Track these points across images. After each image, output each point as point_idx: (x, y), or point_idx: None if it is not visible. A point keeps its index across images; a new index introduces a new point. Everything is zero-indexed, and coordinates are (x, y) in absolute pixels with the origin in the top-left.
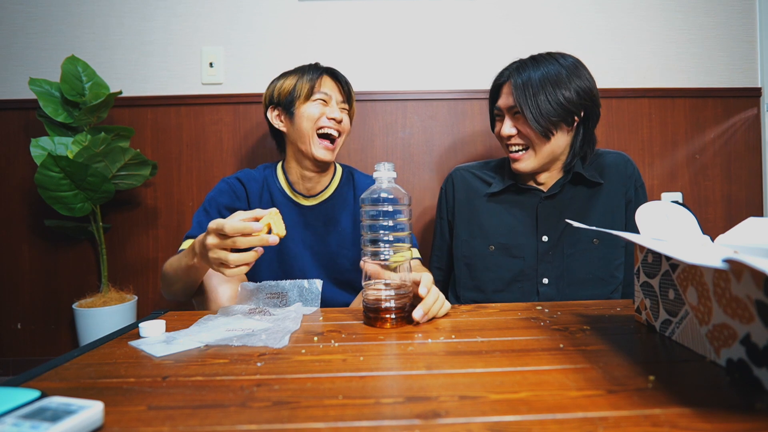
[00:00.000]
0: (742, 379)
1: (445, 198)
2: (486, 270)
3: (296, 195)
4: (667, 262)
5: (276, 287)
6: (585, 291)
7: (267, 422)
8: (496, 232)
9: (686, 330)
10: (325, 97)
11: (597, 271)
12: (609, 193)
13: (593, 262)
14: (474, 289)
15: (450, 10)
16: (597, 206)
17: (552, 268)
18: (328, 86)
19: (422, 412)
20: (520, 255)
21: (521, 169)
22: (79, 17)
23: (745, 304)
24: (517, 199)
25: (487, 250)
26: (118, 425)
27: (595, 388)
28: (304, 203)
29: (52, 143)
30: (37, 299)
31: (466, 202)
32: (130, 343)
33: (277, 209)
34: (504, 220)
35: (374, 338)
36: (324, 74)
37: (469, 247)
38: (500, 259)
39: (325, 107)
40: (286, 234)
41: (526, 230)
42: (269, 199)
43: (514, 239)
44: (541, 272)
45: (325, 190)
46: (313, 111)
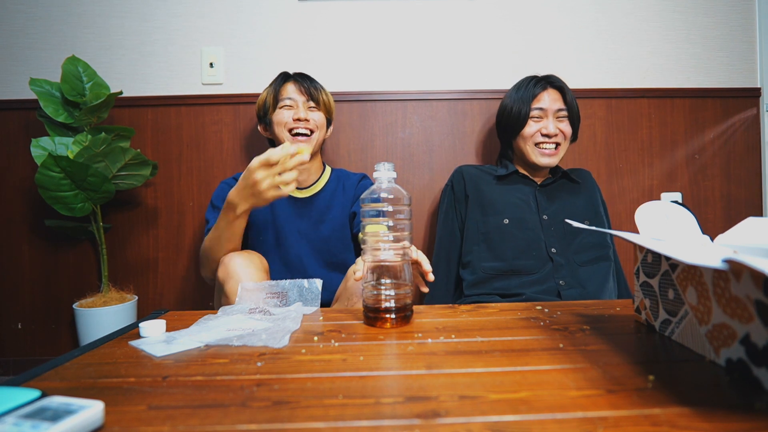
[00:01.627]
0: (741, 379)
1: (455, 190)
2: (503, 241)
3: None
4: (666, 262)
5: (276, 287)
6: (587, 254)
7: (267, 422)
8: (508, 208)
9: (686, 330)
10: (290, 102)
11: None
12: (586, 191)
13: (588, 234)
14: (495, 259)
15: (450, 11)
16: (580, 199)
17: (556, 240)
18: (291, 91)
19: (422, 411)
20: (530, 227)
21: (550, 164)
22: (79, 18)
23: (745, 304)
24: (519, 185)
25: (502, 222)
26: (119, 425)
27: (594, 388)
28: (299, 195)
29: (53, 143)
30: (38, 299)
31: (476, 188)
32: (130, 342)
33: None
34: (512, 198)
35: (374, 338)
36: (286, 81)
37: (485, 223)
38: (515, 231)
39: (291, 111)
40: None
41: (530, 208)
42: None
43: (523, 214)
44: (548, 243)
45: (316, 183)
46: (281, 117)
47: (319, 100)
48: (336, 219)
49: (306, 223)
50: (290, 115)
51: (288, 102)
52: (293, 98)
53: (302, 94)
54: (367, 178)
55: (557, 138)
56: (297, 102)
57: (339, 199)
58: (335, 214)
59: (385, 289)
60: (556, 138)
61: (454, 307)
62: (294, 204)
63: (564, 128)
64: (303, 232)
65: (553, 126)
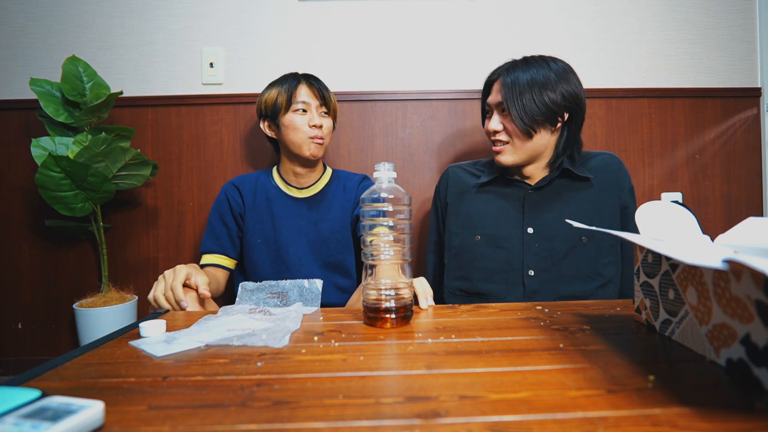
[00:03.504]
0: (742, 379)
1: (438, 194)
2: (473, 260)
3: (290, 189)
4: (667, 262)
5: (276, 287)
6: (570, 286)
7: (267, 422)
8: (482, 223)
9: (686, 330)
10: (303, 106)
11: (584, 268)
12: (598, 190)
13: (580, 259)
14: (461, 279)
15: (450, 11)
16: (584, 201)
17: (537, 260)
18: (305, 94)
19: (422, 411)
20: (505, 246)
21: (502, 162)
22: (79, 18)
23: (745, 304)
24: (505, 191)
25: (474, 240)
26: (119, 425)
27: (595, 388)
28: (298, 195)
29: (53, 143)
30: (38, 299)
31: (458, 195)
32: (130, 342)
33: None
34: (490, 210)
35: (374, 338)
36: (300, 83)
37: (458, 238)
38: (485, 249)
39: (305, 116)
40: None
41: (511, 221)
42: (263, 197)
43: (499, 229)
44: (526, 264)
45: (315, 184)
46: (295, 122)
47: (330, 106)
48: (336, 219)
49: (305, 222)
50: (305, 121)
51: (301, 106)
52: (307, 102)
53: (316, 98)
54: (368, 179)
55: (501, 135)
56: (310, 106)
57: (339, 200)
58: (335, 215)
59: (385, 289)
60: (499, 135)
61: (454, 307)
62: (293, 203)
63: (510, 124)
64: (302, 231)
65: (497, 122)
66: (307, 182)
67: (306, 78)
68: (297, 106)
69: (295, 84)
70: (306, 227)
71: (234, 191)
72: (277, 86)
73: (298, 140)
